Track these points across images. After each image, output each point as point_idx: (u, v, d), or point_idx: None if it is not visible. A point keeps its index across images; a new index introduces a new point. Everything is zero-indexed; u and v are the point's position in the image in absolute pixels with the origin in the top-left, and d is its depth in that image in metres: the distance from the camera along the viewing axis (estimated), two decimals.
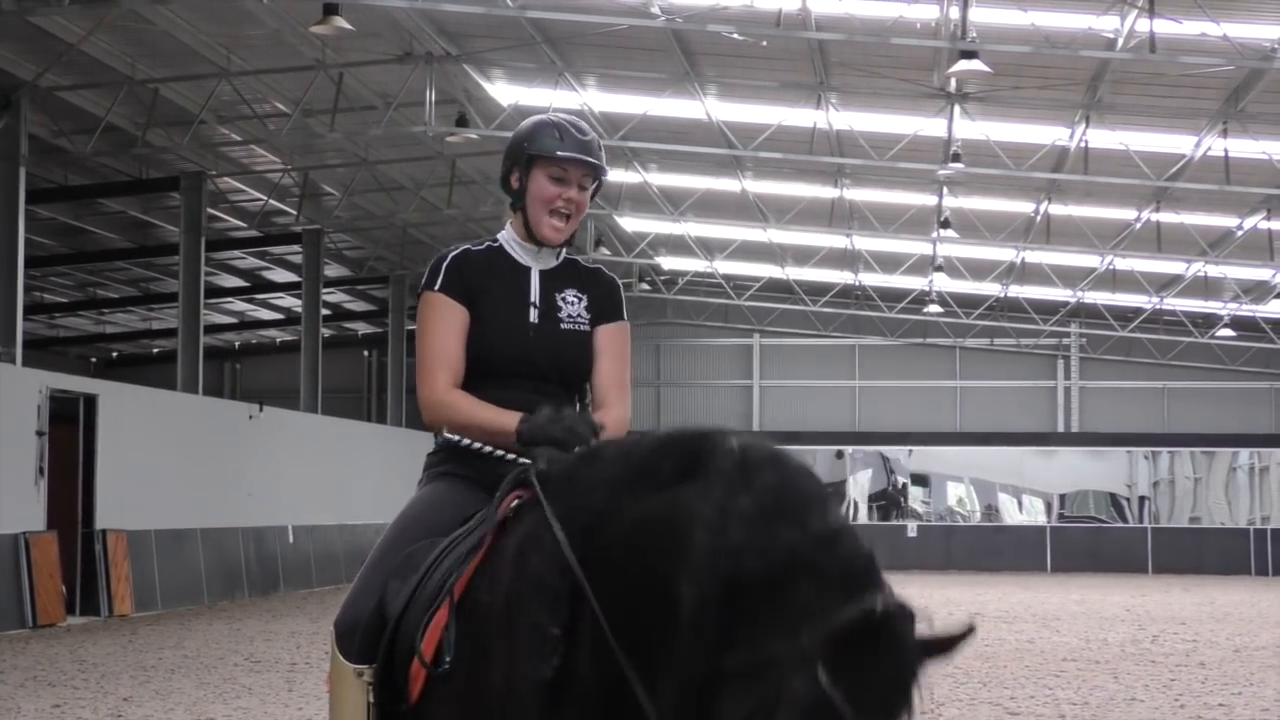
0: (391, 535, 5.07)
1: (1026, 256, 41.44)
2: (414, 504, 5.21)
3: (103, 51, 26.21)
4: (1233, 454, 53.12)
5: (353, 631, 4.87)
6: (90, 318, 52.97)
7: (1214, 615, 28.49)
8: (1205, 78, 25.15)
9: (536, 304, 5.24)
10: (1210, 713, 14.99)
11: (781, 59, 26.45)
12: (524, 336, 5.17)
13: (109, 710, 14.96)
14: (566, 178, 5.20)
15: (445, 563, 4.68)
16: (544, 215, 5.22)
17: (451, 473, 5.21)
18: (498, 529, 4.55)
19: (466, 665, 4.37)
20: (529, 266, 5.31)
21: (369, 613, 4.83)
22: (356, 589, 4.96)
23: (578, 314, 5.27)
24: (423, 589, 4.67)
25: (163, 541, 28.61)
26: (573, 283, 5.33)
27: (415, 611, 4.64)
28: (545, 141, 5.20)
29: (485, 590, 4.41)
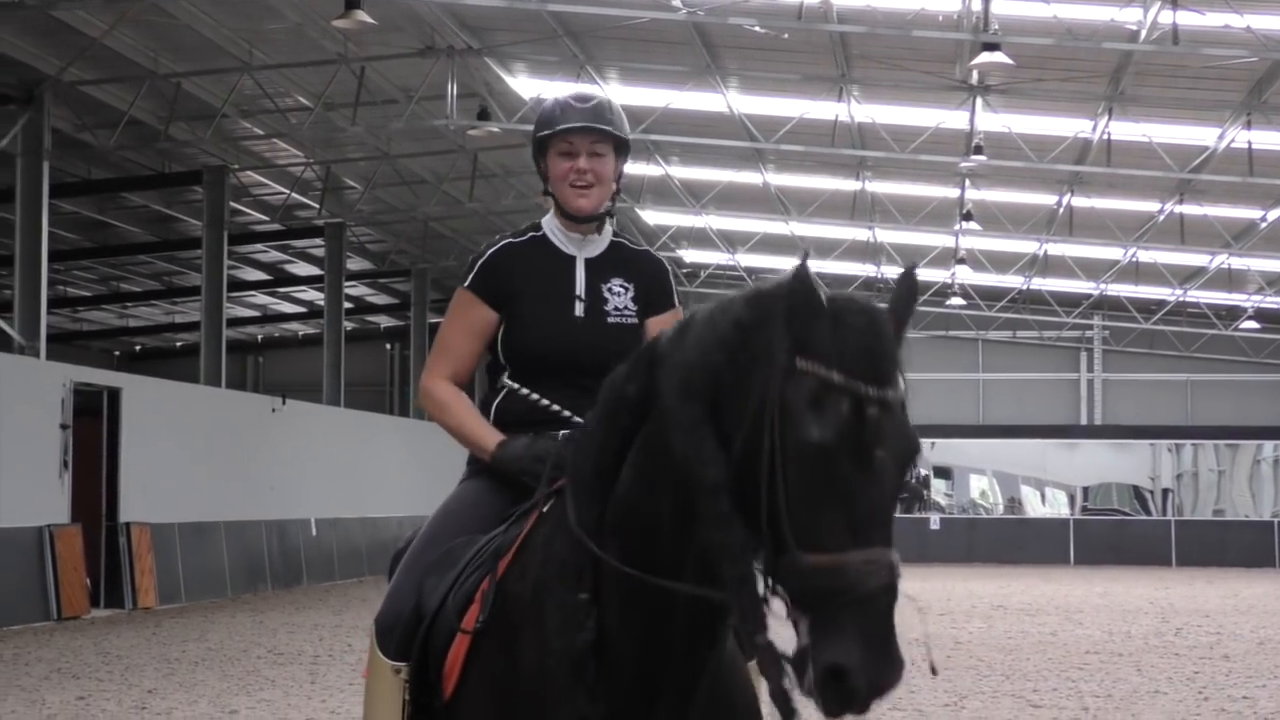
0: (430, 531, 5.03)
1: (1049, 249, 41.34)
2: (453, 500, 5.16)
3: (125, 46, 26.27)
4: (1257, 446, 53.00)
5: (392, 628, 4.84)
6: (113, 311, 53.12)
7: (1238, 608, 28.42)
8: (1228, 69, 25.08)
9: (582, 297, 5.16)
10: (1234, 705, 14.96)
11: (803, 52, 26.42)
12: (569, 333, 5.09)
13: (133, 702, 15.01)
14: (574, 149, 5.16)
15: (484, 559, 4.67)
16: (566, 191, 5.18)
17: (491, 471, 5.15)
18: (534, 522, 4.55)
19: (498, 655, 4.37)
20: (573, 256, 5.22)
21: (408, 609, 4.82)
22: (396, 585, 4.95)
23: (625, 305, 5.19)
24: (460, 586, 4.66)
25: (186, 534, 28.70)
26: (619, 270, 5.25)
27: (451, 607, 4.63)
28: (547, 121, 5.21)
29: (515, 580, 4.43)
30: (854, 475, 3.55)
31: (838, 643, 3.47)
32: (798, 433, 3.57)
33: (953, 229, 37.87)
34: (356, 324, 53.79)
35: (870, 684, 3.48)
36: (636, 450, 4.09)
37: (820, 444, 3.54)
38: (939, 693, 15.52)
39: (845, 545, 3.52)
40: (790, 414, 3.59)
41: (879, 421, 3.57)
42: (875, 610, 3.50)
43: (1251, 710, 14.65)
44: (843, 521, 3.54)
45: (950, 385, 52.03)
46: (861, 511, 3.55)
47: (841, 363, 3.60)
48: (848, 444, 3.55)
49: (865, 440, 3.55)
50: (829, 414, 3.56)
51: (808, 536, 3.55)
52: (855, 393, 3.57)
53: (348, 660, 18.60)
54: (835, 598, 3.49)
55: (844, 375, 3.58)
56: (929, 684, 16.21)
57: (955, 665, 18.05)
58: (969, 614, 25.91)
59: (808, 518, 3.56)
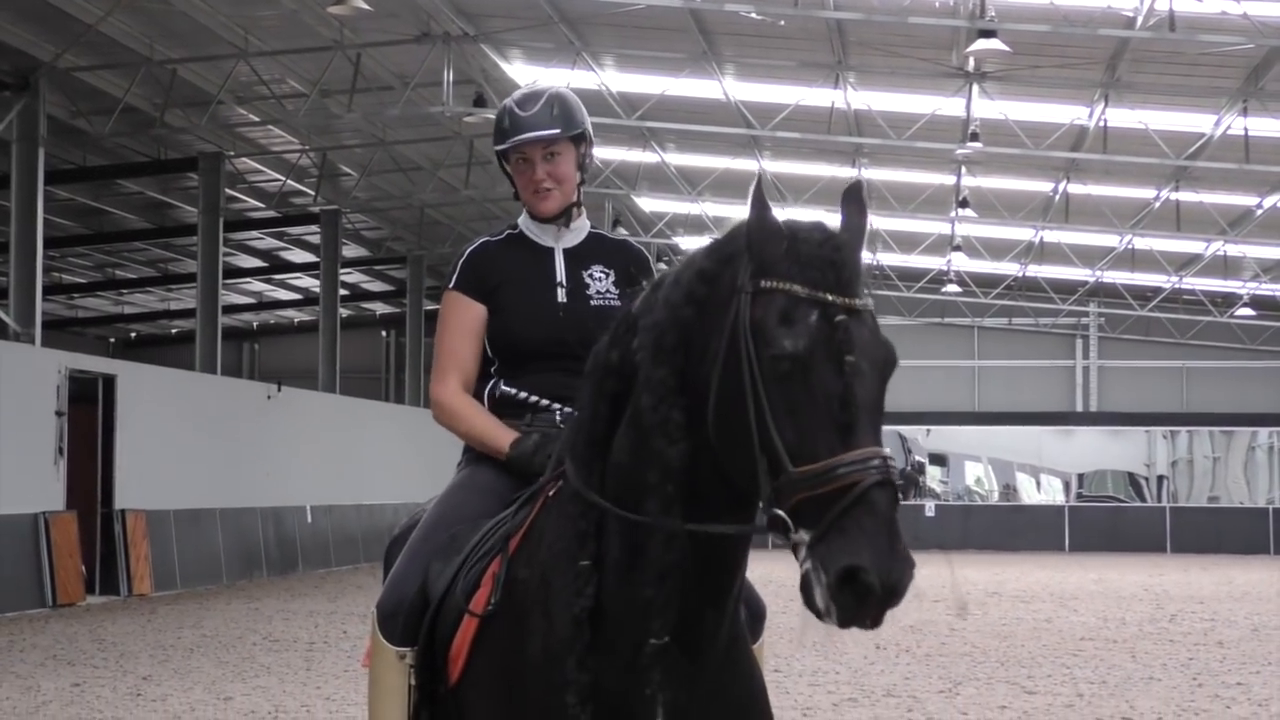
0: (434, 516, 5.02)
1: (1045, 236, 41.37)
2: (456, 486, 5.16)
3: (121, 32, 26.23)
4: (1252, 433, 53.10)
5: (395, 613, 4.82)
6: (109, 298, 53.10)
7: (1232, 594, 28.46)
8: (1225, 56, 25.06)
9: (563, 283, 5.21)
10: (1228, 691, 14.99)
11: (800, 38, 26.40)
12: (554, 317, 5.13)
13: (128, 689, 15.02)
14: (529, 157, 5.24)
15: (489, 544, 4.67)
16: (529, 196, 5.27)
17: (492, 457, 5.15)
18: (541, 507, 4.55)
19: (507, 639, 4.37)
20: (550, 247, 5.29)
21: (412, 594, 4.80)
22: (399, 571, 4.93)
23: (606, 289, 5.23)
24: (467, 570, 4.66)
25: (181, 521, 28.70)
26: (598, 259, 5.30)
27: (458, 592, 4.63)
28: (500, 133, 5.31)
29: (523, 565, 4.43)
30: (832, 381, 3.63)
31: (844, 545, 3.49)
32: (771, 348, 3.67)
33: (949, 216, 37.87)
34: (352, 311, 53.75)
35: (883, 582, 3.48)
36: (627, 420, 4.14)
37: (794, 354, 3.64)
38: (934, 679, 15.55)
39: (835, 450, 3.58)
40: (762, 331, 3.70)
41: (849, 328, 3.67)
42: (876, 509, 3.53)
43: (1246, 696, 14.67)
44: (829, 428, 3.61)
45: (946, 372, 52.05)
46: (846, 415, 3.61)
47: (804, 276, 3.73)
48: (822, 351, 3.64)
49: (838, 346, 3.64)
50: (799, 325, 3.67)
51: (798, 450, 3.62)
52: (822, 302, 3.69)
53: (343, 647, 18.61)
54: (834, 501, 3.53)
55: (808, 288, 3.71)
56: (924, 671, 16.25)
57: (950, 652, 18.07)
58: (964, 600, 25.93)
59: (795, 431, 3.63)
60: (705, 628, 4.13)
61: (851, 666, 16.49)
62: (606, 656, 4.12)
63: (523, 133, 5.21)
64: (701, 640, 4.14)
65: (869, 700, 14.06)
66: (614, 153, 34.28)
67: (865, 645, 18.18)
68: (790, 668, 16.26)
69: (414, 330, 47.09)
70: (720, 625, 4.16)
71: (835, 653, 17.35)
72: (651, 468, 3.94)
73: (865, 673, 16.00)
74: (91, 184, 35.99)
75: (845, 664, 16.69)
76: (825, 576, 3.50)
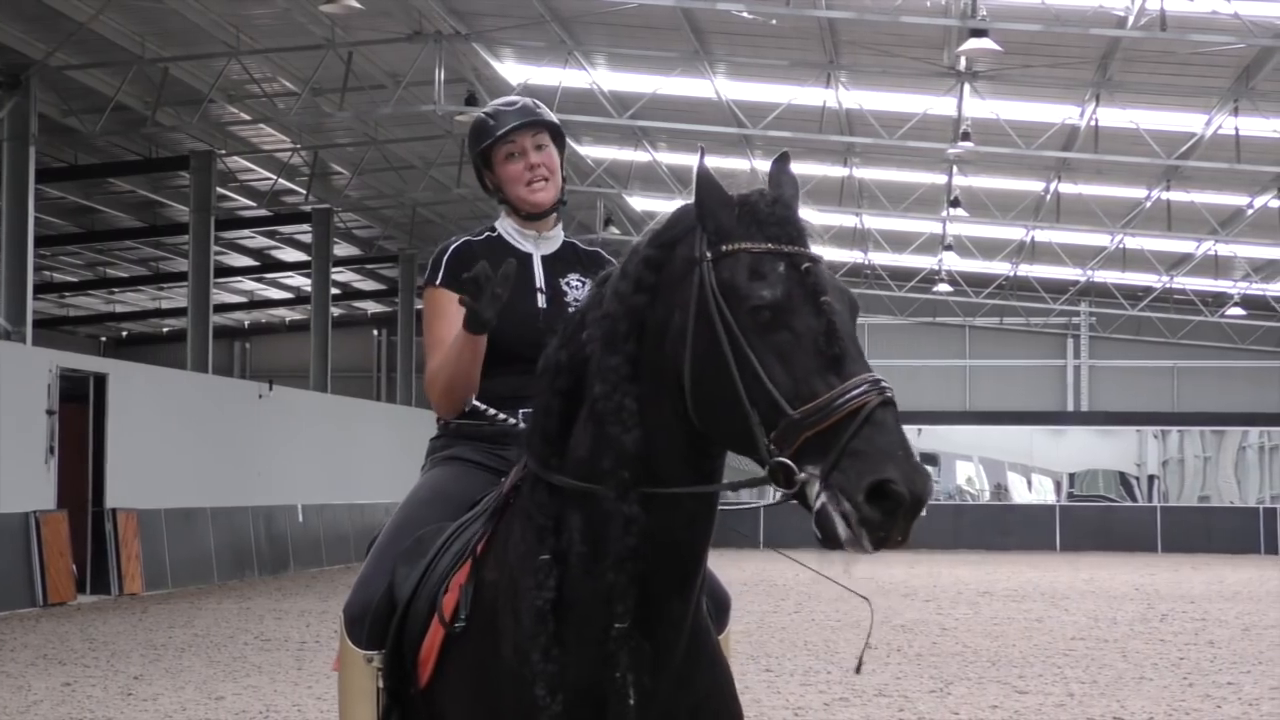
0: (399, 519, 5.03)
1: (1036, 235, 41.41)
2: (421, 488, 5.17)
3: (112, 30, 26.21)
4: (1242, 433, 53.19)
5: (362, 617, 4.83)
6: (100, 297, 53.06)
7: (1223, 594, 28.49)
8: (1216, 56, 25.10)
9: (543, 289, 5.23)
10: (1219, 691, 15.00)
11: (791, 37, 26.42)
12: (533, 323, 5.11)
13: (119, 688, 15.00)
14: (519, 148, 5.27)
15: (454, 546, 4.68)
16: (522, 190, 5.27)
17: (458, 457, 5.18)
18: (504, 506, 4.56)
19: (475, 642, 4.39)
20: (530, 253, 5.30)
21: (378, 597, 4.81)
22: (365, 574, 4.94)
23: (584, 296, 5.24)
24: (432, 572, 4.67)
25: (173, 520, 28.67)
26: (574, 267, 5.32)
27: (425, 595, 4.64)
28: (484, 132, 5.31)
29: (491, 568, 4.45)
30: (814, 320, 3.75)
31: (864, 465, 3.57)
32: (750, 302, 3.78)
33: (940, 215, 37.91)
34: (343, 310, 53.75)
35: (910, 490, 3.54)
36: (585, 416, 4.20)
37: (774, 301, 3.76)
38: (925, 679, 15.56)
39: (832, 383, 3.67)
40: (733, 290, 3.82)
41: (817, 272, 3.82)
42: (884, 427, 3.62)
43: (1236, 696, 14.68)
44: (821, 364, 3.71)
45: (937, 371, 52.08)
46: (834, 348, 3.72)
47: (764, 234, 3.90)
48: (797, 295, 3.78)
49: (811, 289, 3.78)
50: (770, 275, 3.81)
51: (794, 392, 3.70)
52: (785, 254, 3.85)
53: (334, 646, 18.54)
54: (843, 429, 3.61)
55: (770, 243, 3.86)
56: (915, 670, 16.26)
57: (941, 651, 18.08)
58: (955, 600, 25.96)
59: (787, 375, 3.72)
60: (670, 616, 4.16)
61: (843, 666, 16.49)
62: (575, 647, 4.15)
63: (513, 120, 5.27)
64: (667, 629, 4.17)
65: (860, 700, 14.06)
66: (606, 152, 34.29)
67: (856, 646, 18.19)
68: (782, 667, 16.28)
69: (405, 329, 47.09)
70: (685, 614, 4.19)
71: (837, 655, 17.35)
72: (606, 454, 4.03)
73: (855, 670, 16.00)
74: (83, 182, 35.97)
75: (837, 664, 16.70)
76: (849, 499, 3.56)
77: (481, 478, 5.02)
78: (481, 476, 5.03)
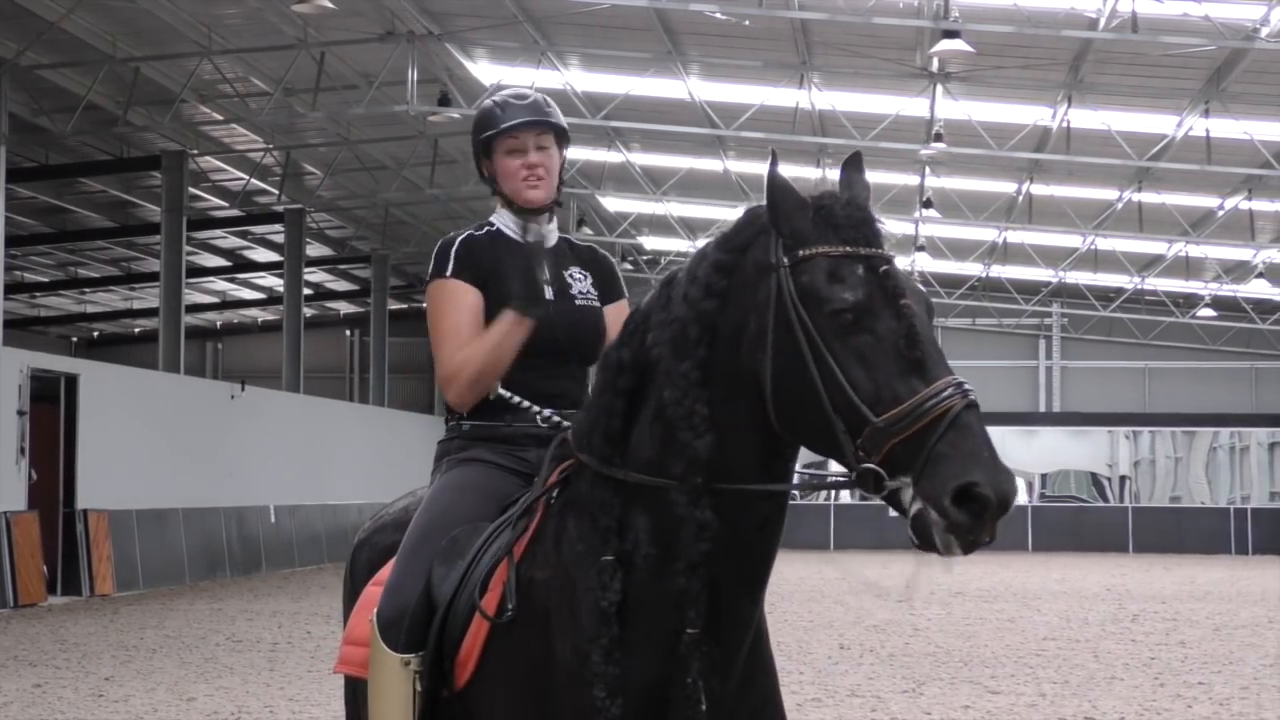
0: (425, 521, 4.90)
1: (1008, 236, 41.50)
2: (444, 489, 5.04)
3: (83, 30, 26.12)
4: (1213, 434, 53.29)
5: (398, 621, 4.70)
6: (71, 297, 52.89)
7: (1194, 594, 28.57)
8: (1187, 58, 25.18)
9: (549, 281, 5.17)
10: (1190, 691, 15.05)
11: (764, 38, 26.44)
12: (545, 314, 5.06)
13: (90, 690, 14.95)
14: (521, 145, 5.19)
15: (494, 546, 4.62)
16: (519, 185, 5.20)
17: (478, 459, 5.07)
18: (545, 505, 4.54)
19: (524, 641, 4.36)
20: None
21: (416, 600, 4.70)
22: (398, 577, 4.81)
23: (587, 290, 5.23)
24: (473, 572, 4.61)
25: (144, 521, 28.57)
26: (574, 261, 5.30)
27: (466, 595, 4.57)
28: (490, 122, 5.23)
29: (539, 567, 4.41)
30: (895, 324, 3.76)
31: (949, 470, 3.60)
32: (830, 305, 3.79)
33: (913, 216, 37.95)
34: (316, 310, 53.65)
35: (996, 492, 3.57)
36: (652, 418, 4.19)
37: (856, 304, 3.77)
38: (897, 679, 15.58)
39: (915, 388, 3.69)
40: (814, 294, 3.82)
41: (895, 275, 3.82)
42: (969, 430, 3.64)
43: (1207, 695, 14.73)
44: (904, 369, 3.72)
45: None
46: (915, 353, 3.73)
47: (840, 237, 3.90)
48: (878, 298, 3.78)
49: (891, 292, 3.79)
50: (850, 279, 3.81)
51: (877, 398, 3.72)
52: (864, 256, 3.85)
53: (306, 647, 18.56)
54: (929, 436, 3.62)
55: (847, 246, 3.86)
56: (888, 671, 16.28)
57: (914, 651, 18.11)
58: (927, 600, 25.97)
59: (870, 382, 3.73)
60: (740, 618, 4.18)
61: (815, 667, 16.51)
62: (640, 650, 4.14)
63: (520, 116, 5.20)
64: (735, 631, 4.18)
65: (833, 700, 14.07)
66: (578, 152, 34.28)
67: (829, 646, 18.21)
68: None
69: (378, 330, 47.01)
70: (753, 616, 4.22)
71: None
72: (677, 460, 4.03)
73: (829, 673, 16.03)
74: (54, 182, 35.85)
75: (810, 664, 16.71)
76: (937, 505, 3.60)
77: (507, 478, 4.96)
78: (507, 477, 4.97)
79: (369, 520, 5.45)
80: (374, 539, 5.29)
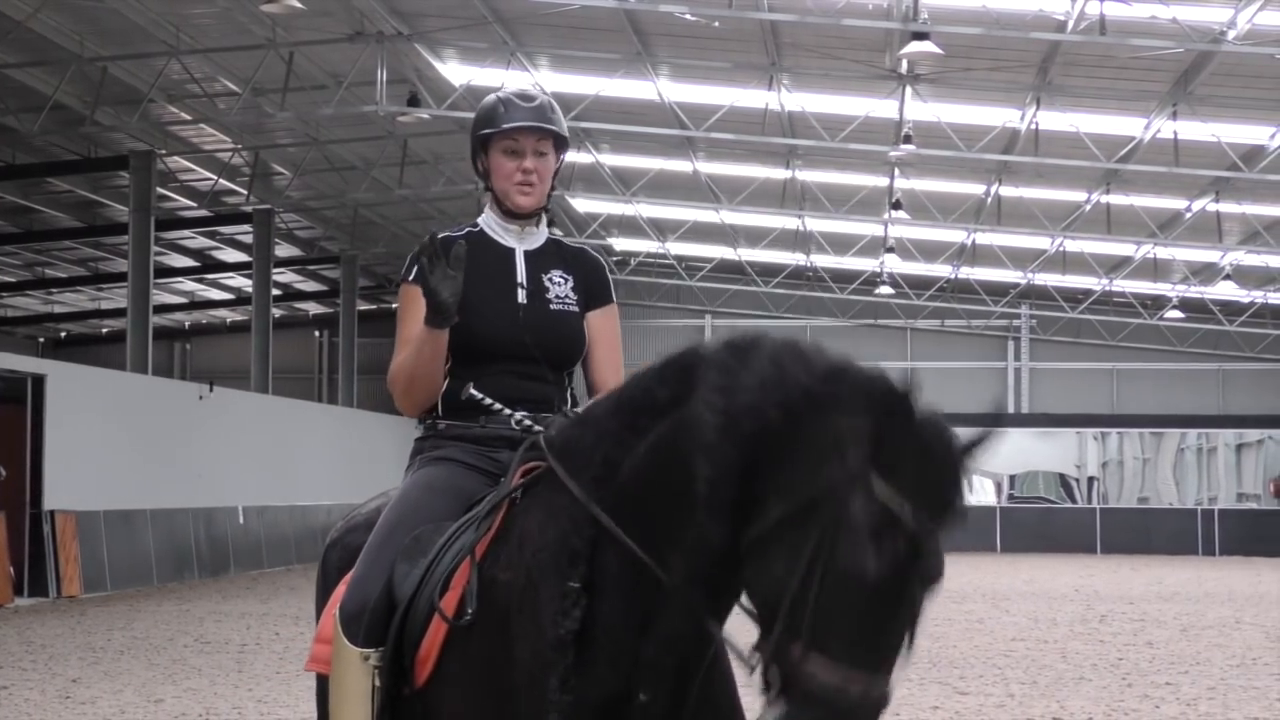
0: (393, 518, 4.92)
1: (977, 238, 41.60)
2: (413, 487, 5.05)
3: (50, 29, 26.01)
4: (1180, 435, 53.53)
5: (359, 615, 4.74)
6: (38, 297, 52.68)
7: (1161, 595, 28.68)
8: (1155, 60, 25.27)
9: (524, 284, 5.16)
10: (1158, 691, 15.10)
11: (734, 40, 26.46)
12: (513, 318, 5.08)
13: (57, 691, 14.89)
14: (519, 148, 5.17)
15: (456, 544, 4.62)
16: (510, 188, 5.18)
17: (449, 458, 5.08)
18: (510, 505, 4.53)
19: (487, 642, 4.34)
20: (512, 248, 5.23)
21: (377, 595, 4.73)
22: (361, 572, 4.84)
23: (565, 294, 5.19)
24: (434, 571, 4.61)
25: (112, 522, 28.47)
26: (558, 263, 5.26)
27: (426, 593, 4.58)
28: (492, 118, 5.20)
29: (502, 568, 4.39)
30: (889, 607, 3.60)
31: None
32: (853, 555, 3.55)
33: (882, 218, 38.01)
34: (285, 311, 53.52)
35: None
36: (652, 452, 4.07)
37: (872, 578, 3.55)
38: None
39: (856, 663, 3.56)
40: (852, 532, 3.56)
41: (928, 556, 3.62)
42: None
43: (1174, 696, 14.78)
44: (862, 642, 3.57)
45: None
46: (883, 641, 3.61)
47: (916, 500, 3.60)
48: (895, 580, 3.58)
49: (910, 576, 3.61)
50: (887, 549, 3.56)
51: (822, 639, 3.57)
52: (919, 532, 3.59)
53: (275, 649, 18.51)
54: (822, 708, 3.56)
55: (914, 515, 3.59)
56: None
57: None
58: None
59: (829, 625, 3.57)
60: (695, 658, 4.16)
61: None
62: (599, 671, 4.11)
63: (522, 120, 5.16)
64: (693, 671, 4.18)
65: None
66: None
67: None
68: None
69: (347, 330, 46.94)
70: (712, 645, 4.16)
71: None
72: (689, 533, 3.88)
73: None
74: (20, 182, 35.69)
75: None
76: None
77: (475, 478, 4.96)
78: (475, 477, 4.97)
79: (341, 521, 5.45)
80: (345, 539, 5.28)
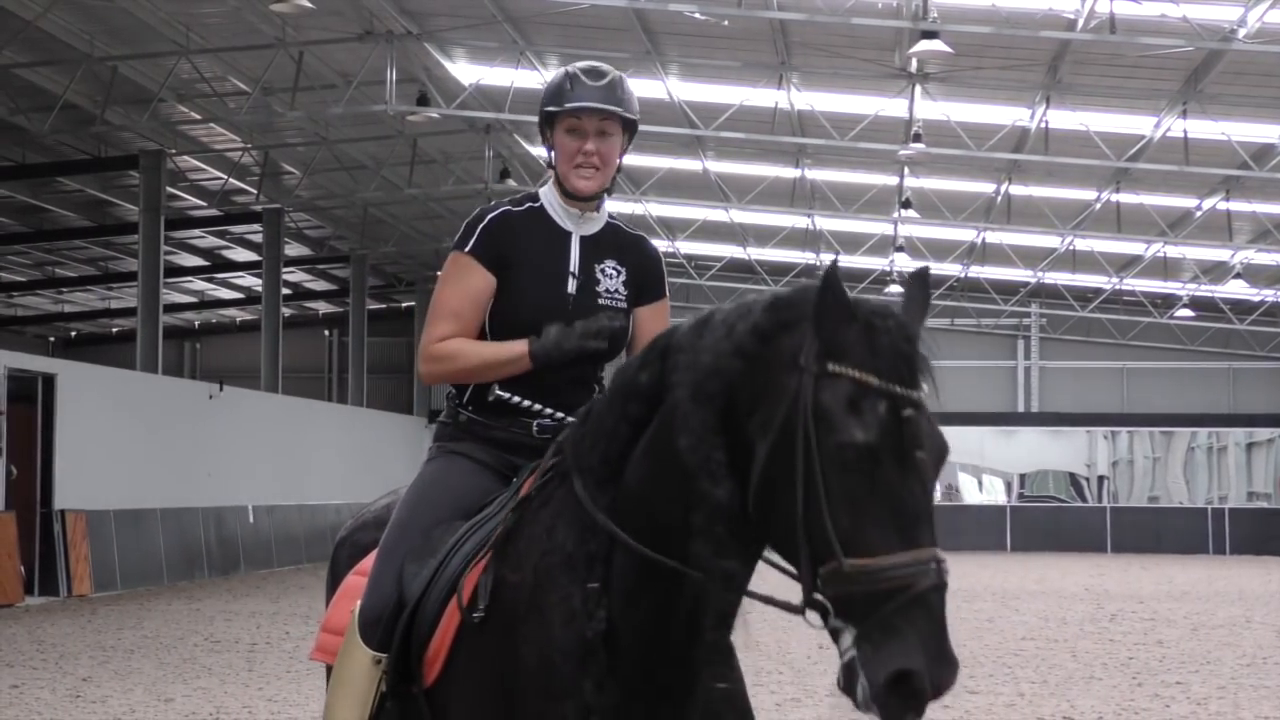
0: (403, 517, 4.89)
1: (987, 237, 41.56)
2: (425, 484, 5.00)
3: (61, 29, 26.04)
4: (1191, 434, 53.47)
5: (379, 619, 4.71)
6: (49, 297, 52.74)
7: (1172, 594, 28.64)
8: (1165, 59, 25.24)
9: (576, 274, 5.04)
10: (1168, 690, 15.08)
11: (743, 39, 26.45)
12: (562, 308, 4.96)
13: (68, 690, 14.90)
14: (582, 128, 5.03)
15: (466, 546, 4.59)
16: (569, 170, 5.06)
17: (465, 455, 5.01)
18: (523, 506, 4.48)
19: (497, 644, 4.31)
20: (569, 232, 5.10)
21: (392, 597, 4.70)
22: (376, 575, 4.81)
23: (616, 288, 5.07)
24: (443, 571, 4.58)
25: (122, 521, 28.49)
26: (613, 253, 5.13)
27: (435, 594, 4.56)
28: (557, 95, 5.06)
29: (512, 569, 4.35)
30: (896, 476, 3.55)
31: (897, 648, 3.46)
32: (838, 435, 3.55)
33: (891, 216, 38.00)
34: (295, 310, 53.55)
35: (934, 685, 3.49)
36: (646, 448, 4.07)
37: (863, 445, 3.53)
38: None
39: (893, 547, 3.50)
40: (827, 418, 3.57)
41: (916, 422, 3.60)
42: (929, 611, 3.51)
43: (1185, 695, 14.76)
44: (888, 523, 3.52)
45: None
46: (907, 512, 3.54)
47: (876, 366, 3.62)
48: (889, 445, 3.55)
49: (905, 441, 3.57)
50: (868, 416, 3.56)
51: (853, 541, 3.52)
52: (892, 394, 3.59)
53: (285, 648, 18.52)
54: (888, 601, 3.48)
55: (879, 378, 3.61)
56: None
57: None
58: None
59: (851, 522, 3.53)
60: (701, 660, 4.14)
61: (795, 667, 16.51)
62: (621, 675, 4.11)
63: (588, 100, 5.01)
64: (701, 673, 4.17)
65: (812, 700, 14.07)
66: None
67: (808, 646, 18.21)
68: None
69: (357, 329, 46.94)
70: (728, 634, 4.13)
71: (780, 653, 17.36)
72: (697, 510, 3.82)
73: (808, 673, 16.03)
74: (31, 181, 35.74)
75: (789, 664, 16.71)
76: (874, 676, 3.46)
77: (489, 478, 4.91)
78: (489, 477, 4.92)
79: (350, 519, 5.43)
80: (355, 537, 5.28)
